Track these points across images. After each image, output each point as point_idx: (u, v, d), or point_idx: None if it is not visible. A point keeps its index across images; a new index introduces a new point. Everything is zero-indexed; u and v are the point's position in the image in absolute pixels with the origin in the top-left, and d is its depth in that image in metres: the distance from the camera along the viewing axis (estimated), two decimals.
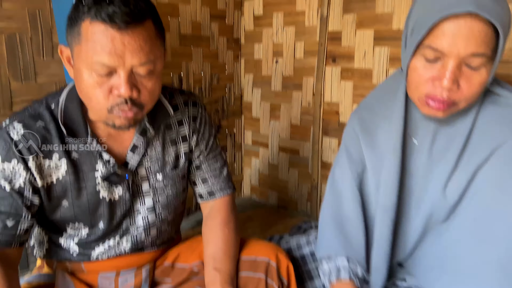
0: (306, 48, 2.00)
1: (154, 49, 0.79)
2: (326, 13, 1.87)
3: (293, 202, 2.19)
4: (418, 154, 0.92)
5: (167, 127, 1.00)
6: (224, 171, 1.09)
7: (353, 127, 1.01)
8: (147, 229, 1.01)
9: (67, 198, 0.91)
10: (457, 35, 0.73)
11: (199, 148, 1.05)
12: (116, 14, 0.72)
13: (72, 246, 0.97)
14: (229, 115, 2.32)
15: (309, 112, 2.03)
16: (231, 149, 2.37)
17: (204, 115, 1.06)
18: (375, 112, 0.98)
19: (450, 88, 0.76)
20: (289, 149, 2.17)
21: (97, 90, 0.78)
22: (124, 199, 0.95)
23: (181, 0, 1.94)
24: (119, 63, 0.75)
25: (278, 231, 1.93)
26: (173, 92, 1.03)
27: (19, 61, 1.44)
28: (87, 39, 0.75)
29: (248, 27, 2.25)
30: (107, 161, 0.91)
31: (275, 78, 2.17)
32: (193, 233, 1.89)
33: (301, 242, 1.21)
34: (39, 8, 1.46)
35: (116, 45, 0.74)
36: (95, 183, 0.91)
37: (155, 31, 0.80)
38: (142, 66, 0.78)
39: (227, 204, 1.08)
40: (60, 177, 0.89)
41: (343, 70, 1.87)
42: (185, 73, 2.03)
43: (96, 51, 0.74)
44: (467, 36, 0.72)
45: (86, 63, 0.76)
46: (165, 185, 1.00)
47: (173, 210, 1.05)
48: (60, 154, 0.88)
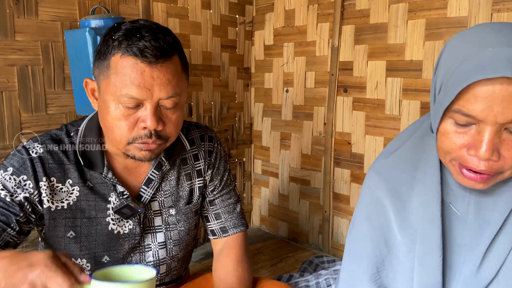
0: (317, 77, 1.99)
1: (180, 83, 0.82)
2: (338, 43, 1.86)
3: (304, 234, 2.13)
4: (461, 225, 0.77)
5: (183, 162, 0.99)
6: (237, 208, 1.07)
7: (377, 191, 0.83)
8: (157, 266, 0.98)
9: (75, 228, 0.88)
10: (492, 100, 0.62)
11: (213, 183, 1.03)
12: (147, 49, 0.75)
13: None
14: (239, 144, 2.30)
15: (320, 142, 2.00)
16: (240, 178, 2.34)
17: (219, 150, 1.05)
18: (405, 172, 0.81)
19: (489, 158, 0.64)
20: (299, 179, 2.13)
21: (123, 122, 0.79)
22: (134, 233, 0.93)
23: (192, 31, 1.96)
24: (147, 96, 0.77)
25: (288, 265, 1.87)
26: (190, 126, 1.03)
27: (30, 92, 1.44)
28: (117, 72, 0.77)
29: (258, 57, 2.26)
30: (121, 193, 0.90)
31: (285, 107, 2.15)
32: (200, 266, 1.84)
33: (310, 285, 1.16)
34: (51, 40, 1.47)
35: (146, 79, 0.76)
36: (106, 214, 0.90)
37: (181, 65, 0.83)
38: (169, 99, 0.79)
39: (240, 242, 1.05)
40: (71, 202, 0.87)
41: (355, 100, 1.84)
42: (195, 103, 2.02)
43: (125, 84, 0.76)
44: (504, 100, 0.62)
45: (115, 95, 0.78)
46: (177, 220, 0.98)
47: (184, 247, 1.02)
48: (74, 181, 0.87)
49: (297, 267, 1.81)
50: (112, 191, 0.90)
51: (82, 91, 1.42)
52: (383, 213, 0.81)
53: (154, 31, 0.78)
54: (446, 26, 1.54)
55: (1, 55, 1.37)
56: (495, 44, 0.63)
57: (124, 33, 0.77)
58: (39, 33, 1.44)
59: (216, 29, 2.06)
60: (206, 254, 1.99)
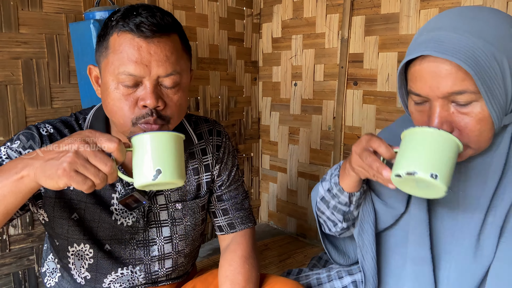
0: (326, 70, 1.95)
1: (180, 62, 0.80)
2: (347, 34, 1.82)
3: (313, 230, 2.10)
4: (453, 204, 0.81)
5: (190, 156, 0.98)
6: (245, 204, 1.06)
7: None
8: (162, 260, 0.96)
9: (79, 210, 0.88)
10: (425, 77, 0.69)
11: (221, 178, 1.02)
12: (143, 24, 0.75)
13: (83, 272, 0.93)
14: (247, 139, 2.27)
15: (330, 136, 1.97)
16: (248, 173, 2.31)
17: (228, 144, 1.04)
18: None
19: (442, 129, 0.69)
20: (308, 174, 2.09)
21: (123, 102, 0.78)
22: (137, 226, 0.92)
23: (199, 24, 1.93)
24: (145, 73, 0.76)
25: (297, 261, 1.85)
26: (198, 120, 1.02)
27: (35, 86, 1.43)
28: (114, 50, 0.76)
29: (266, 50, 2.22)
30: (127, 183, 0.89)
31: (293, 101, 2.11)
32: (207, 262, 1.82)
33: (321, 277, 1.13)
34: (56, 33, 1.45)
35: (142, 54, 0.75)
36: (111, 203, 0.89)
37: (181, 45, 0.81)
38: (168, 77, 0.78)
39: (248, 238, 1.03)
40: None
41: (365, 93, 1.80)
42: (202, 97, 2.00)
43: (123, 61, 0.75)
44: (435, 77, 0.68)
45: (113, 75, 0.77)
46: (184, 215, 0.97)
47: (190, 242, 1.00)
48: None
49: (305, 263, 1.79)
50: (118, 181, 0.89)
51: (88, 85, 1.41)
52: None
53: (152, 9, 0.77)
54: None
55: (6, 48, 1.35)
56: (439, 28, 0.69)
57: (122, 13, 0.77)
58: (43, 25, 1.43)
59: (223, 22, 2.03)
60: (214, 249, 1.97)
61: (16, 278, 1.50)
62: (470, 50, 0.65)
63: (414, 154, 0.65)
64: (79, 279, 0.94)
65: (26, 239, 1.50)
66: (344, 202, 0.88)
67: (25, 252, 1.51)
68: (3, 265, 1.47)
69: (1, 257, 1.46)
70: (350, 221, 0.93)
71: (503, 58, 0.66)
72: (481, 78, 0.65)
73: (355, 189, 0.85)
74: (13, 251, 1.48)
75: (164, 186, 0.70)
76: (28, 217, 1.50)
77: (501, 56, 0.66)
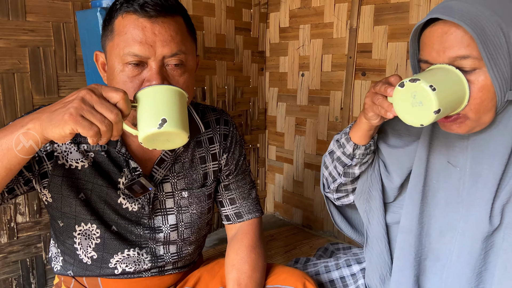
0: (334, 61, 1.93)
1: (186, 42, 0.80)
2: (356, 24, 1.79)
3: (319, 221, 2.09)
4: (460, 181, 0.82)
5: (197, 144, 0.97)
6: (252, 193, 1.06)
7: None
8: (167, 245, 0.97)
9: (86, 190, 0.88)
10: (433, 42, 0.73)
11: (228, 167, 1.02)
12: (147, 4, 0.75)
13: (90, 252, 0.93)
14: (253, 130, 2.26)
15: (337, 127, 1.95)
16: (254, 164, 2.31)
17: (235, 134, 1.03)
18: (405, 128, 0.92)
19: None
20: (315, 165, 2.08)
21: (128, 84, 0.77)
22: (142, 212, 0.92)
23: (206, 13, 1.91)
24: (150, 53, 0.76)
25: (302, 252, 1.85)
26: (205, 109, 1.01)
27: (42, 74, 1.42)
28: (119, 32, 0.77)
29: (273, 40, 2.20)
30: (133, 169, 0.89)
31: (301, 91, 2.10)
32: (213, 252, 1.83)
33: (329, 265, 1.13)
34: (63, 21, 1.45)
35: (147, 35, 0.75)
36: (117, 187, 0.89)
37: (186, 27, 0.82)
38: (174, 57, 0.78)
39: (255, 228, 1.03)
40: (86, 165, 0.87)
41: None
42: (208, 87, 1.99)
43: (128, 42, 0.76)
44: (442, 41, 0.72)
45: (119, 56, 0.77)
46: (190, 203, 0.97)
47: (196, 230, 1.00)
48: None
49: (311, 253, 1.78)
50: (125, 167, 0.89)
51: (95, 73, 1.40)
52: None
53: None
54: None
55: (13, 35, 1.35)
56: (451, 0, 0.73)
57: None
58: (50, 13, 1.42)
59: (230, 11, 2.01)
60: (220, 240, 1.98)
61: (24, 265, 1.52)
62: (477, 17, 0.68)
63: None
64: (86, 259, 0.93)
65: (34, 227, 1.51)
66: (348, 153, 0.91)
67: (32, 240, 1.52)
68: (11, 253, 1.48)
69: (9, 244, 1.47)
70: (349, 178, 0.96)
71: (510, 31, 0.68)
72: (484, 44, 0.67)
73: (362, 142, 0.88)
74: (20, 239, 1.49)
75: (169, 139, 0.70)
76: (36, 205, 1.50)
77: (508, 29, 0.68)
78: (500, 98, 0.72)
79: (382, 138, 0.94)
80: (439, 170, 0.84)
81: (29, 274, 1.53)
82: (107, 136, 0.63)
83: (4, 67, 1.35)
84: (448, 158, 0.83)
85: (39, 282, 1.55)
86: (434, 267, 0.87)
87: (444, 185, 0.84)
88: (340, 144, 0.93)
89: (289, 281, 0.94)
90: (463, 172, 0.81)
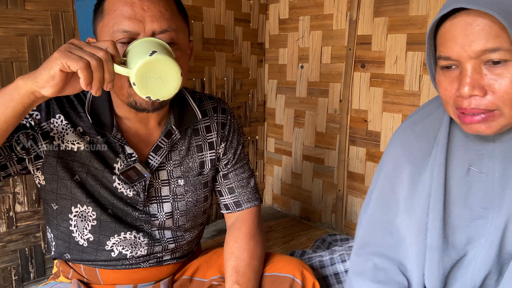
0: (333, 52, 1.92)
1: (176, 20, 0.81)
2: (356, 16, 1.79)
3: (317, 213, 2.10)
4: (487, 186, 0.75)
5: (194, 132, 0.97)
6: (251, 182, 1.05)
7: (394, 158, 0.85)
8: (162, 230, 0.97)
9: (81, 173, 0.88)
10: (456, 36, 0.66)
11: (226, 156, 1.02)
12: None
13: (86, 234, 0.92)
14: (252, 122, 2.26)
15: (336, 119, 1.95)
16: (253, 156, 2.31)
17: (233, 122, 1.03)
18: (422, 139, 0.82)
19: (471, 94, 0.65)
20: (313, 157, 2.09)
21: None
22: (137, 199, 0.92)
23: (205, 3, 1.90)
24: (139, 29, 0.76)
25: (300, 243, 1.86)
26: (202, 97, 1.01)
27: (41, 63, 1.42)
28: (109, 11, 0.77)
29: (273, 31, 2.20)
30: (129, 155, 0.89)
31: (300, 83, 2.10)
32: (212, 243, 1.83)
33: (324, 260, 1.13)
34: (61, 10, 1.44)
35: (136, 10, 0.76)
36: (112, 172, 0.89)
37: (176, 6, 0.82)
38: (164, 33, 0.78)
39: (253, 216, 1.03)
40: (82, 148, 0.87)
41: (372, 76, 1.78)
42: (207, 78, 1.98)
43: (117, 20, 0.76)
44: (467, 34, 0.64)
45: (109, 34, 0.77)
46: (185, 191, 0.97)
47: (192, 218, 1.00)
48: (86, 130, 0.87)
49: (309, 245, 1.79)
50: (121, 153, 0.88)
51: None
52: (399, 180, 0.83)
53: None
54: None
55: (11, 24, 1.34)
56: None
57: None
58: (49, 2, 1.41)
59: (229, 2, 2.00)
60: (218, 230, 1.99)
61: (23, 254, 1.52)
62: (505, 2, 0.62)
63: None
64: (82, 241, 0.93)
65: (33, 216, 1.51)
66: None
67: (31, 229, 1.52)
68: (10, 242, 1.48)
69: (8, 234, 1.47)
70: None
71: None
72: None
73: None
74: (19, 228, 1.49)
75: (162, 77, 0.70)
76: (35, 195, 1.51)
77: None
78: None
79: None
80: (459, 178, 0.77)
81: (28, 263, 1.54)
82: (98, 73, 0.63)
83: (2, 56, 1.34)
84: (470, 163, 0.76)
85: (38, 271, 1.56)
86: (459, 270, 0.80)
87: (468, 193, 0.76)
88: None
89: (287, 269, 0.94)
90: (490, 177, 0.74)
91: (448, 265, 0.78)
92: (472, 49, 0.64)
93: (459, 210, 0.77)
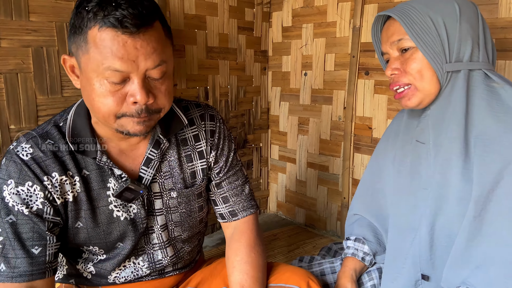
0: (337, 60, 1.92)
1: (166, 49, 0.77)
2: (359, 23, 1.79)
3: (322, 221, 2.09)
4: (428, 155, 0.94)
5: (183, 142, 0.94)
6: (245, 189, 1.02)
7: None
8: (164, 248, 0.95)
9: (81, 219, 0.86)
10: (383, 35, 0.96)
11: (218, 165, 0.99)
12: (126, 18, 0.69)
13: (89, 267, 0.93)
14: (256, 129, 2.26)
15: (340, 127, 1.95)
16: (257, 164, 2.31)
17: (222, 129, 0.99)
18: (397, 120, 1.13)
19: (391, 72, 0.93)
20: (318, 165, 2.08)
21: (109, 98, 0.74)
22: (140, 217, 0.90)
23: (208, 12, 1.91)
24: (132, 68, 0.72)
25: (306, 251, 1.84)
26: (188, 105, 0.98)
27: (46, 74, 1.43)
28: (96, 46, 0.70)
29: (276, 39, 2.20)
30: (119, 176, 0.86)
31: (303, 91, 2.09)
32: (217, 251, 1.83)
33: (335, 265, 1.13)
34: (66, 21, 1.45)
35: (129, 50, 0.70)
36: (108, 202, 0.87)
37: (163, 31, 0.77)
38: (156, 68, 0.74)
39: (251, 225, 1.01)
40: (75, 194, 0.84)
41: (376, 83, 1.77)
42: (211, 86, 1.98)
43: (107, 57, 0.70)
44: (387, 32, 0.94)
45: (97, 71, 0.72)
46: (179, 203, 0.94)
47: (187, 228, 0.99)
48: (73, 171, 0.84)
49: (314, 253, 1.78)
50: (110, 176, 0.86)
51: None
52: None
53: None
54: (478, 3, 1.45)
55: (16, 35, 1.35)
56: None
57: (97, 3, 0.70)
58: (53, 13, 1.42)
59: (232, 10, 2.01)
60: (222, 239, 1.98)
61: None
62: (407, 10, 0.89)
63: None
64: (85, 273, 0.95)
65: None
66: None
67: None
68: None
69: None
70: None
71: (437, 17, 0.87)
72: (410, 27, 0.87)
73: None
74: None
75: None
76: None
77: (435, 15, 0.87)
78: (437, 69, 0.88)
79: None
80: (409, 150, 0.99)
81: None
82: None
83: (7, 67, 1.35)
84: (416, 137, 0.97)
85: None
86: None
87: (413, 161, 0.98)
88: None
89: (293, 280, 0.93)
90: (427, 147, 0.94)
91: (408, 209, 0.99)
92: (389, 41, 0.93)
93: (406, 176, 1.00)
